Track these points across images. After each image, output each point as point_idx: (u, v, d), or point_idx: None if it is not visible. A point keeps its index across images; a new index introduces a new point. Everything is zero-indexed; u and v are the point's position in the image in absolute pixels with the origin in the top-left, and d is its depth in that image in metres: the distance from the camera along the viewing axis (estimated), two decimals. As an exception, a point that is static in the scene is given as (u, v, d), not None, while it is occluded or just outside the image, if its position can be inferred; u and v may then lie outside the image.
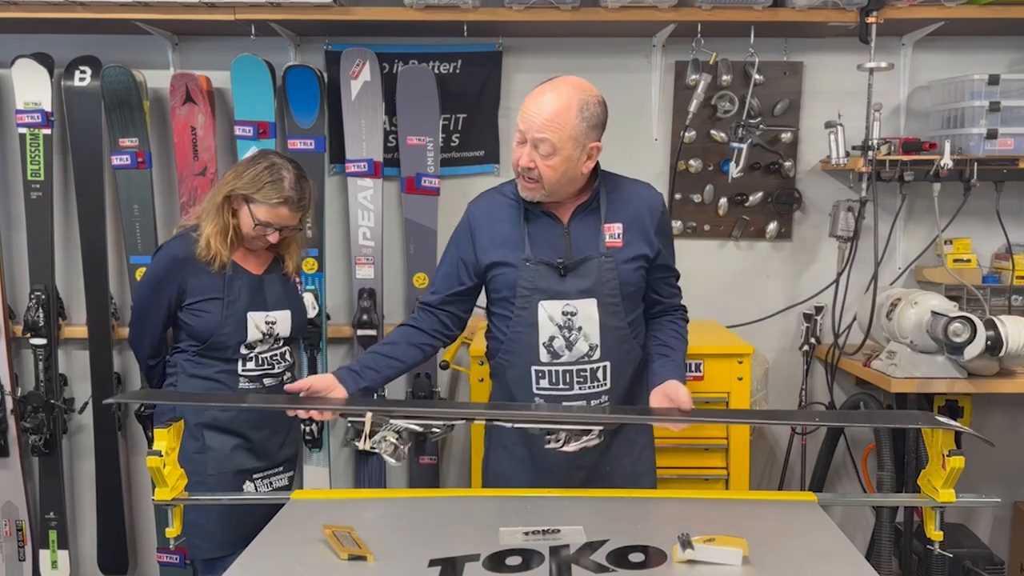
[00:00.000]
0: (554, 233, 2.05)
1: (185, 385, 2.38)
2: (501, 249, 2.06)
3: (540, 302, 2.02)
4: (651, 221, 2.09)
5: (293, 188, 2.28)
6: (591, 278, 2.03)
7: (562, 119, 1.92)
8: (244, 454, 2.38)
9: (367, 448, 1.88)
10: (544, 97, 1.93)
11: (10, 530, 3.31)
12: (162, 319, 2.36)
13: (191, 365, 2.37)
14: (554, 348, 2.04)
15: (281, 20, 2.96)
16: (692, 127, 3.17)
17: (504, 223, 2.08)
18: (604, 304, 2.03)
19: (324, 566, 1.60)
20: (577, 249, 2.04)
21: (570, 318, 2.02)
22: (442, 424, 1.94)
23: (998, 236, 3.20)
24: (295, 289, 2.52)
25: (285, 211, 2.29)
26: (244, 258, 2.39)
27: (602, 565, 1.57)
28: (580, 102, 1.94)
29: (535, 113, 1.93)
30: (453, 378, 3.36)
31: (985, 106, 2.87)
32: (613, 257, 2.04)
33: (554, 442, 1.89)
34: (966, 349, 2.66)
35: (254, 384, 2.39)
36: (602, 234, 2.04)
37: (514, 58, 3.22)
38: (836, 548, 1.66)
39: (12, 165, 3.24)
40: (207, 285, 2.31)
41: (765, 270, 3.33)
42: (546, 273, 2.02)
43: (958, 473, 1.79)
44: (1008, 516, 3.38)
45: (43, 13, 2.92)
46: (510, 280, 2.04)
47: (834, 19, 2.92)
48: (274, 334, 2.40)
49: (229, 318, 2.32)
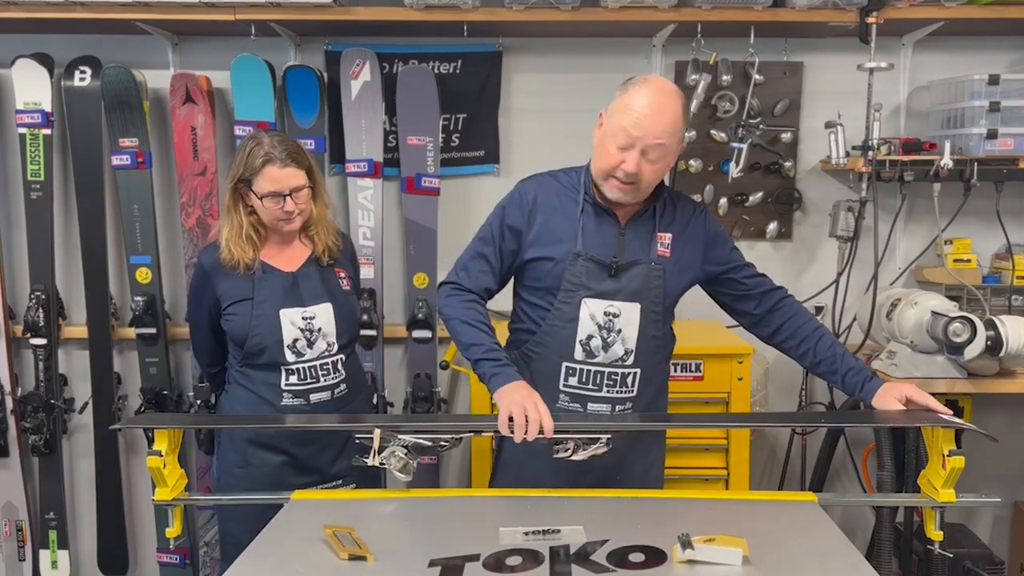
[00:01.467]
0: (610, 232, 2.04)
1: (234, 395, 2.36)
2: (553, 237, 2.04)
3: (584, 299, 2.01)
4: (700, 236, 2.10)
5: (273, 145, 2.22)
6: (638, 282, 2.03)
7: (675, 125, 1.93)
8: (289, 471, 2.31)
9: (376, 464, 1.88)
10: (657, 103, 1.91)
11: (10, 530, 3.31)
12: (208, 328, 2.36)
13: (239, 375, 2.34)
14: (591, 347, 2.03)
15: (281, 20, 2.96)
16: (692, 127, 3.17)
17: (561, 212, 2.05)
18: (647, 310, 2.03)
19: (324, 566, 1.60)
20: (629, 252, 2.04)
21: (612, 319, 2.01)
22: (450, 437, 1.94)
23: (998, 236, 3.20)
24: (338, 282, 2.38)
25: (275, 170, 2.21)
26: (275, 256, 2.33)
27: (602, 565, 1.57)
28: (683, 106, 1.95)
29: (653, 121, 1.90)
30: (453, 378, 3.36)
31: (985, 106, 2.87)
32: (663, 266, 2.04)
33: (563, 452, 1.89)
34: (966, 349, 2.66)
35: (299, 400, 2.29)
36: (655, 241, 2.05)
37: (514, 58, 3.22)
38: (836, 548, 1.66)
39: (12, 165, 3.23)
40: (237, 288, 2.28)
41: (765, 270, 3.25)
42: (595, 271, 2.01)
43: (958, 473, 1.79)
44: (1008, 516, 3.38)
45: (43, 13, 2.92)
46: (556, 271, 2.02)
47: (834, 19, 2.92)
48: (315, 329, 2.29)
49: (259, 318, 2.26)
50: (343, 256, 2.43)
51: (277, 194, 2.22)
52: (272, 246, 2.34)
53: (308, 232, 2.36)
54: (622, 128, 1.91)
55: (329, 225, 2.39)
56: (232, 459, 2.33)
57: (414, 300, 3.18)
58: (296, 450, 2.31)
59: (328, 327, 2.31)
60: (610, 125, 1.95)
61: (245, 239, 2.27)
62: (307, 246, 2.37)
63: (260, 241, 2.31)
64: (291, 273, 2.32)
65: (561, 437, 1.88)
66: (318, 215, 2.35)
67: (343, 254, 2.43)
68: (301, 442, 2.31)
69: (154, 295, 3.14)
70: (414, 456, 1.89)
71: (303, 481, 2.29)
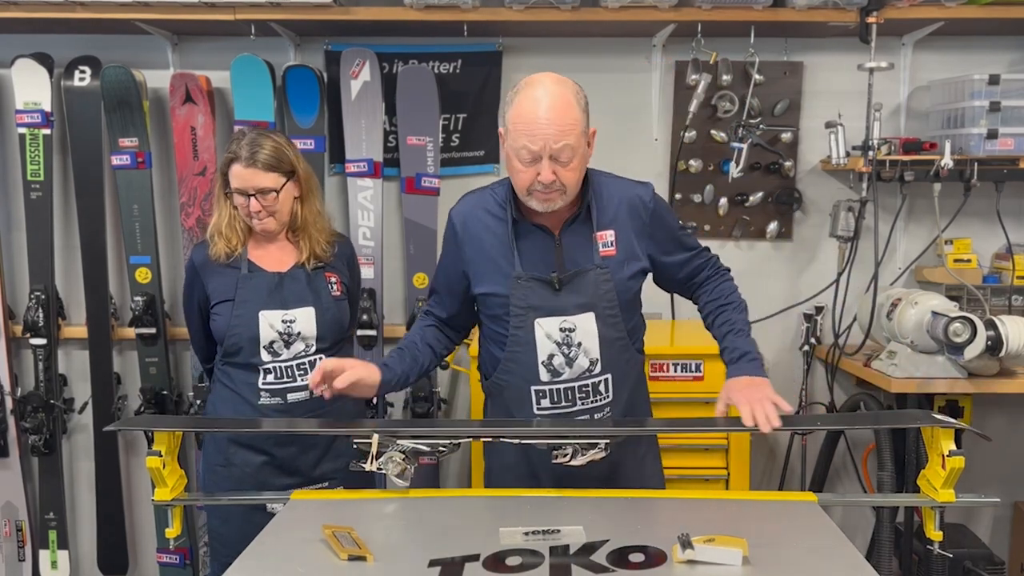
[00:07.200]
0: (545, 246, 1.95)
1: (217, 394, 2.36)
2: (490, 266, 1.97)
3: (536, 320, 1.94)
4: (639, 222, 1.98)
5: (241, 146, 2.20)
6: (587, 292, 1.94)
7: (572, 118, 1.80)
8: (272, 471, 2.30)
9: (374, 469, 1.88)
10: (547, 105, 1.79)
11: (10, 530, 3.31)
12: (200, 324, 2.37)
13: (221, 374, 2.34)
14: (554, 366, 1.96)
15: (281, 20, 2.96)
16: (692, 127, 3.17)
17: (492, 235, 1.97)
18: (602, 317, 1.95)
19: (324, 566, 1.60)
20: (570, 262, 1.94)
21: (568, 334, 1.95)
22: (448, 443, 1.94)
23: (998, 236, 3.20)
24: (326, 287, 2.33)
25: (239, 168, 2.19)
26: (263, 257, 2.31)
27: (602, 565, 1.57)
28: (574, 93, 1.84)
29: (544, 125, 1.78)
30: (453, 378, 3.36)
31: (985, 106, 2.87)
32: (608, 268, 1.95)
33: (561, 457, 1.88)
34: (966, 349, 2.66)
35: (276, 399, 2.27)
36: (595, 243, 1.95)
37: (514, 58, 3.22)
38: (836, 548, 1.66)
39: (12, 165, 3.24)
40: (223, 287, 2.28)
41: (765, 270, 3.32)
42: (539, 289, 1.93)
43: (958, 473, 1.78)
44: (1008, 516, 3.37)
45: (43, 13, 2.92)
46: (501, 299, 1.96)
47: (834, 19, 2.92)
48: (294, 333, 2.27)
49: (238, 317, 2.25)
50: (338, 260, 2.38)
51: (241, 192, 2.22)
52: (260, 244, 2.32)
53: (295, 236, 2.33)
54: (522, 145, 1.80)
55: (319, 231, 2.34)
56: (215, 458, 2.33)
57: (414, 300, 3.18)
58: (276, 450, 2.29)
59: (308, 331, 2.29)
60: (510, 143, 1.84)
61: (230, 228, 2.28)
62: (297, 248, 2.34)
63: (245, 233, 2.30)
64: (277, 274, 2.30)
65: (559, 442, 1.87)
66: (304, 220, 2.31)
67: (339, 257, 2.39)
68: (281, 442, 2.29)
69: (154, 295, 3.15)
70: (412, 461, 1.88)
71: (286, 482, 2.27)
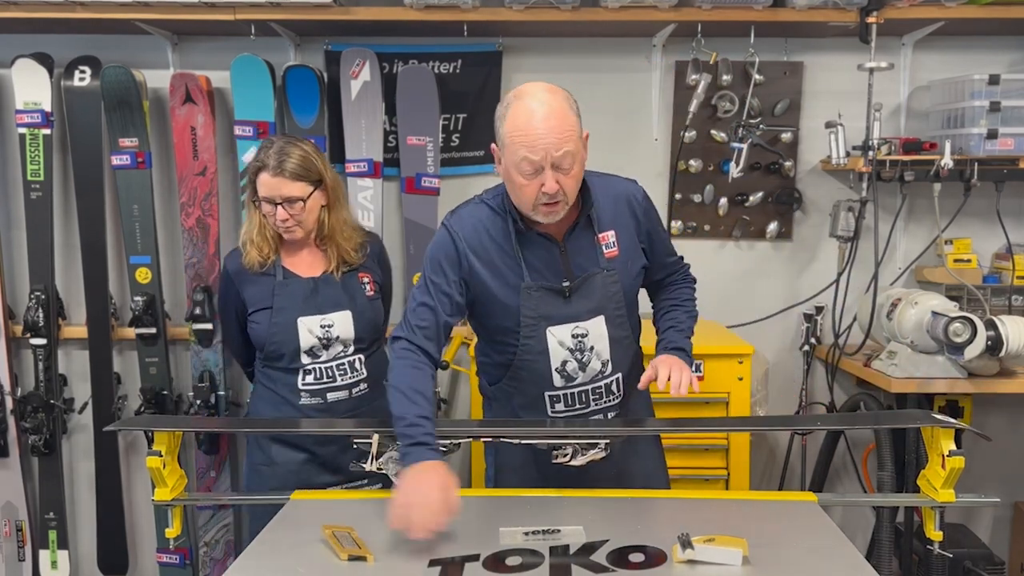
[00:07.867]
0: (550, 254, 1.94)
1: (258, 395, 2.40)
2: (498, 278, 1.94)
3: (548, 328, 1.93)
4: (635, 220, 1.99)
5: (268, 155, 2.22)
6: (596, 295, 1.95)
7: (568, 124, 1.80)
8: (314, 469, 2.31)
9: (373, 469, 1.88)
10: (542, 114, 1.78)
11: (10, 530, 3.31)
12: (237, 330, 2.41)
13: (262, 376, 2.38)
14: (567, 372, 1.97)
15: (281, 20, 2.96)
16: (692, 127, 3.17)
17: (497, 246, 1.94)
18: (611, 318, 1.97)
19: (324, 566, 1.60)
20: (577, 267, 1.95)
21: (581, 340, 1.95)
22: (448, 443, 1.94)
23: (998, 236, 3.20)
24: (360, 288, 2.37)
25: (266, 176, 2.21)
26: (296, 263, 2.34)
27: (602, 565, 1.57)
28: (566, 99, 1.83)
29: (543, 135, 1.77)
30: (453, 378, 3.36)
31: (985, 106, 2.87)
32: (614, 269, 1.97)
33: (561, 457, 1.89)
34: (966, 349, 2.66)
35: (316, 399, 2.32)
36: (598, 246, 1.96)
37: (514, 58, 3.22)
38: (836, 548, 1.66)
39: (12, 165, 3.23)
40: (259, 295, 2.31)
41: (765, 270, 3.32)
42: (550, 298, 1.93)
43: (958, 473, 1.78)
44: (1008, 516, 3.37)
45: (43, 13, 2.92)
46: (511, 310, 1.93)
47: (834, 19, 2.92)
48: (332, 338, 2.30)
49: (277, 325, 2.28)
50: (369, 259, 2.42)
51: (269, 200, 2.25)
52: (292, 251, 2.35)
53: (323, 244, 2.35)
54: (523, 158, 1.79)
55: (346, 239, 2.35)
56: (258, 457, 2.35)
57: (414, 300, 3.18)
58: (317, 449, 2.32)
59: (346, 334, 2.33)
60: (509, 157, 1.82)
61: (261, 236, 2.30)
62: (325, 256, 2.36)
63: (276, 241, 2.32)
64: (312, 279, 2.33)
65: (559, 442, 1.88)
66: (332, 228, 2.33)
67: (370, 256, 2.43)
68: (321, 441, 2.31)
69: (154, 295, 3.14)
70: None
71: (327, 480, 2.30)
